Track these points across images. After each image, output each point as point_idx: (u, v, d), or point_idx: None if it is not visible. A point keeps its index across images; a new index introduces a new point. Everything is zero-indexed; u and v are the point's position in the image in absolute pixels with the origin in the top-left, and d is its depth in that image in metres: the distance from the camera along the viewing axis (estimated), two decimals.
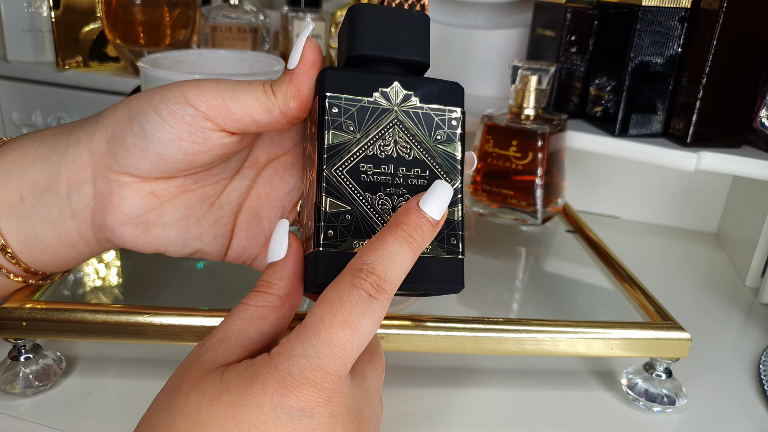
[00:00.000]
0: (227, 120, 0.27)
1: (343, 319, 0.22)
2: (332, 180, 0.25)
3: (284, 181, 0.32)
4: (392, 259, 0.23)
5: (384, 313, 0.23)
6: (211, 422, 0.21)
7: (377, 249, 0.23)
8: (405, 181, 0.26)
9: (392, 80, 0.27)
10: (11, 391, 0.34)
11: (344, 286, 0.22)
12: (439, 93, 0.27)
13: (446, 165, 0.27)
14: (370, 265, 0.23)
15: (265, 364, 0.22)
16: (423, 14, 0.28)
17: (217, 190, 0.31)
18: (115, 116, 0.28)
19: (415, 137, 0.27)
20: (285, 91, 0.27)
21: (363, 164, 0.26)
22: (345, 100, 0.26)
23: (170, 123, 0.27)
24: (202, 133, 0.27)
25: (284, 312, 0.26)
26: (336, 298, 0.22)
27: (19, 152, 0.29)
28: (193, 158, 0.28)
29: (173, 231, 0.30)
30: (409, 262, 0.24)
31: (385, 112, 0.26)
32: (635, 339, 0.35)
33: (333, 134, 0.26)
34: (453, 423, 0.35)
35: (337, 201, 0.25)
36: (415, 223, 0.24)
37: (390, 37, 0.27)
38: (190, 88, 0.27)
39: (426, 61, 0.28)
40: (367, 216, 0.26)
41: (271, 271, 0.26)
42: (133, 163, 0.28)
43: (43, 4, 0.69)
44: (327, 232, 0.25)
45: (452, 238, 0.26)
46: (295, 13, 0.70)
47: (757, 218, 0.54)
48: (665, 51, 0.50)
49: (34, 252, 0.30)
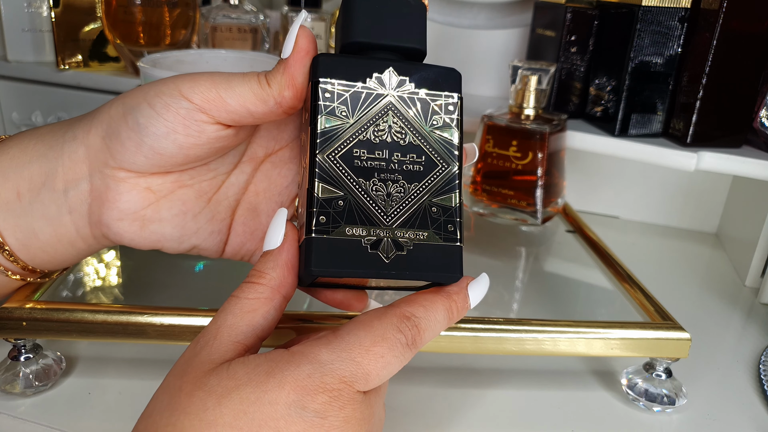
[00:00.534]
0: (222, 112, 0.27)
1: (381, 352, 0.23)
2: (325, 165, 0.25)
3: (282, 176, 0.32)
4: (435, 322, 0.25)
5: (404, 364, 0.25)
6: (219, 420, 0.21)
7: (427, 308, 0.25)
8: (400, 166, 0.26)
9: (387, 65, 0.26)
10: (11, 391, 0.34)
11: (390, 325, 0.24)
12: (435, 78, 0.27)
13: (443, 150, 0.27)
14: (417, 320, 0.25)
15: (285, 362, 0.23)
16: (419, 2, 0.27)
17: (215, 185, 0.31)
18: (110, 111, 0.28)
19: (411, 123, 0.26)
20: (279, 81, 0.26)
21: (357, 149, 0.26)
22: (338, 85, 0.26)
23: (165, 116, 0.27)
24: (197, 126, 0.27)
25: (276, 303, 0.25)
26: (380, 333, 0.24)
27: (16, 149, 0.29)
28: (189, 152, 0.28)
29: (170, 227, 0.30)
30: (439, 332, 0.26)
31: (379, 97, 0.26)
32: (635, 339, 0.35)
33: (326, 119, 0.25)
34: (453, 423, 0.35)
35: (329, 187, 0.25)
36: (461, 302, 0.26)
37: (386, 25, 0.27)
38: (184, 81, 0.27)
39: (423, 48, 0.28)
40: (361, 202, 0.25)
41: (264, 260, 0.26)
42: (129, 157, 0.28)
43: (43, 4, 0.69)
44: (319, 218, 0.24)
45: (449, 225, 0.26)
46: (295, 13, 0.70)
47: (757, 218, 0.54)
48: (665, 51, 0.50)
49: (32, 249, 0.30)
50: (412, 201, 0.26)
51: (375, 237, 0.25)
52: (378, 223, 0.25)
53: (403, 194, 0.26)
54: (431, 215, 0.26)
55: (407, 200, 0.26)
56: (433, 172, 0.26)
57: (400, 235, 0.25)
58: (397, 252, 0.25)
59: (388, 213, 0.25)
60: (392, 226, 0.25)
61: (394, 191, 0.26)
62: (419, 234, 0.25)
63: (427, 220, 0.26)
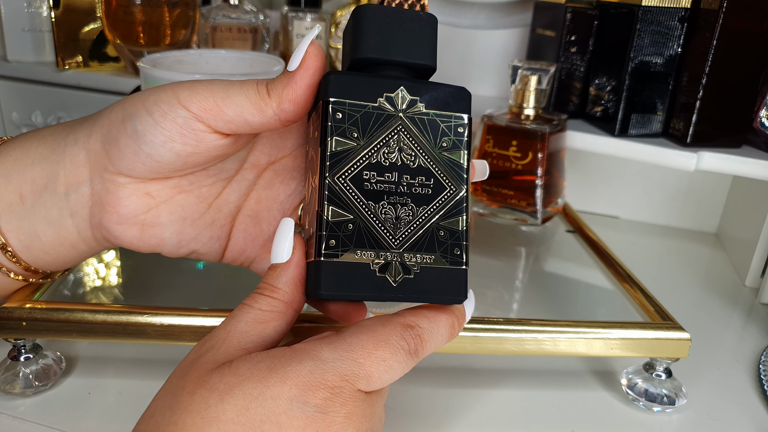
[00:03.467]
0: (219, 121, 0.27)
1: (384, 356, 0.24)
2: (334, 188, 0.25)
3: (285, 184, 0.31)
4: (438, 335, 0.25)
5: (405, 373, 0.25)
6: (221, 416, 0.21)
7: (431, 320, 0.25)
8: (409, 189, 0.26)
9: (398, 85, 0.26)
10: (11, 391, 0.34)
11: (394, 332, 0.24)
12: (445, 99, 0.26)
13: (451, 173, 0.26)
14: (420, 330, 0.25)
15: (287, 358, 0.23)
16: (430, 16, 0.27)
17: (215, 191, 0.31)
18: (111, 116, 0.28)
19: (420, 144, 0.26)
20: (280, 93, 0.26)
21: (366, 172, 0.25)
22: (349, 105, 0.25)
23: (162, 125, 0.27)
24: (195, 135, 0.27)
25: (289, 318, 0.26)
26: (384, 337, 0.24)
27: (19, 151, 0.29)
28: (187, 159, 0.28)
29: (169, 231, 0.30)
30: (441, 345, 0.26)
31: (389, 118, 0.26)
32: (635, 339, 0.35)
33: (336, 141, 0.25)
34: (453, 423, 0.35)
35: (339, 209, 0.25)
36: (461, 318, 0.27)
37: (396, 40, 0.26)
38: (183, 89, 0.27)
39: (433, 65, 0.27)
40: (370, 225, 0.25)
41: (275, 275, 0.26)
42: (127, 164, 0.28)
43: (43, 4, 0.69)
44: (329, 242, 0.24)
45: (456, 248, 0.26)
46: (295, 13, 0.70)
47: (757, 218, 0.54)
48: (665, 51, 0.50)
49: (34, 251, 0.30)
50: (420, 224, 0.26)
51: (383, 261, 0.25)
52: (386, 247, 0.25)
53: (412, 217, 0.25)
54: (438, 239, 0.26)
55: (415, 223, 0.25)
56: (441, 195, 0.26)
57: (407, 258, 0.25)
58: (404, 275, 0.25)
59: (397, 236, 0.25)
60: (400, 250, 0.25)
61: (403, 214, 0.25)
62: (426, 258, 0.25)
63: (434, 243, 0.25)
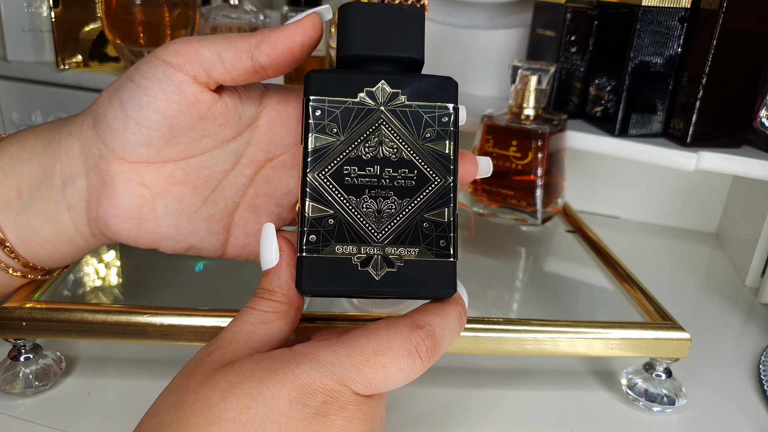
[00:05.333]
0: (194, 63, 0.27)
1: (383, 362, 0.23)
2: (314, 184, 0.25)
3: (283, 181, 0.31)
4: (450, 329, 0.25)
5: (421, 373, 0.24)
6: (222, 415, 0.22)
7: (440, 315, 0.25)
8: (392, 182, 0.26)
9: (378, 79, 0.26)
10: (11, 391, 0.34)
11: (398, 335, 0.24)
12: (428, 89, 0.26)
13: (436, 164, 0.26)
14: (432, 329, 0.24)
15: (285, 360, 0.23)
16: (415, 8, 0.27)
17: (210, 184, 0.31)
18: (100, 98, 0.29)
19: (403, 136, 0.26)
20: (263, 34, 0.26)
21: (347, 167, 0.26)
22: (329, 102, 0.26)
23: (143, 85, 0.27)
24: (175, 87, 0.27)
25: (292, 316, 0.26)
26: (386, 342, 0.23)
27: (16, 147, 0.29)
28: (173, 121, 0.28)
29: (165, 226, 0.30)
30: (455, 338, 0.25)
31: (370, 112, 0.26)
32: (635, 339, 0.35)
33: (316, 137, 0.26)
34: (453, 423, 0.35)
35: (319, 205, 0.25)
36: (464, 308, 0.26)
37: (381, 35, 0.26)
38: (162, 46, 0.28)
39: (420, 57, 0.27)
40: (351, 219, 0.25)
41: (268, 279, 0.26)
42: (118, 138, 0.28)
43: (43, 3, 0.69)
44: (309, 237, 0.25)
45: (441, 240, 0.25)
46: (295, 13, 0.70)
47: (757, 218, 0.54)
48: (665, 51, 0.50)
49: (32, 246, 0.30)
50: (403, 217, 0.25)
51: (365, 255, 0.25)
52: (368, 241, 0.25)
53: (395, 210, 0.25)
54: (423, 231, 0.25)
55: (398, 216, 0.25)
56: (425, 187, 0.26)
57: (390, 252, 0.25)
58: (387, 269, 0.25)
59: (379, 230, 0.25)
60: (383, 243, 0.25)
61: (385, 207, 0.25)
62: (410, 250, 0.25)
63: (418, 236, 0.25)
